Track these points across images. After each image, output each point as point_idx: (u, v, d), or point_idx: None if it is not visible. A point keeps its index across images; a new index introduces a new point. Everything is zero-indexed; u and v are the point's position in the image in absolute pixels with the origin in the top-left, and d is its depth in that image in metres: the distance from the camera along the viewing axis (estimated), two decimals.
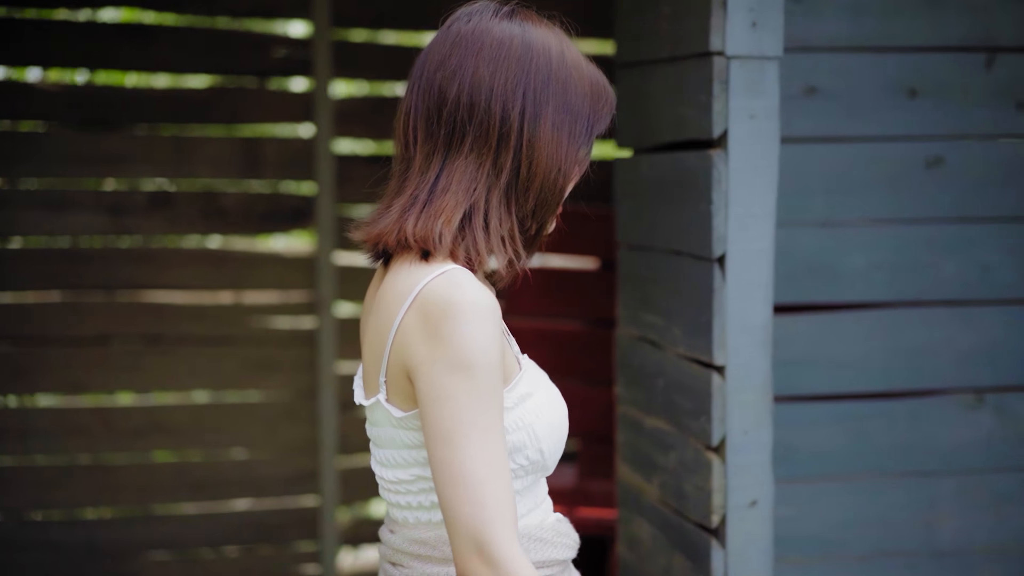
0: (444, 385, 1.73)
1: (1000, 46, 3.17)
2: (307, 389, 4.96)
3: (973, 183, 3.18)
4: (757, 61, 2.51)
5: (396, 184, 1.88)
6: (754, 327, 2.55)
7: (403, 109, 1.88)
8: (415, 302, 1.76)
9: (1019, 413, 3.23)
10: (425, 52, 1.88)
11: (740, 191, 2.52)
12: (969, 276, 3.19)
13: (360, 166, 4.97)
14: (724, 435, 2.57)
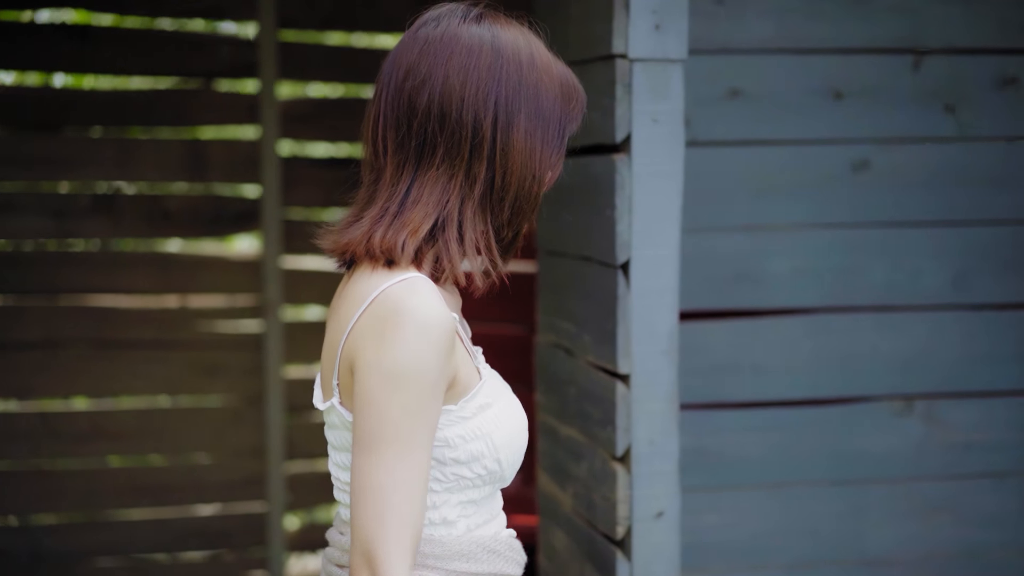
0: (375, 392, 1.72)
1: (928, 48, 3.13)
2: (254, 394, 4.91)
3: (900, 187, 3.13)
4: (661, 64, 2.46)
5: (366, 193, 1.85)
6: (659, 335, 2.50)
7: (371, 116, 1.85)
8: (371, 305, 1.74)
9: (949, 420, 3.19)
10: (392, 57, 1.84)
11: (644, 196, 2.47)
12: (897, 281, 3.15)
13: (307, 168, 4.92)
14: (629, 445, 2.52)
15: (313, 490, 4.99)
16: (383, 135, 1.82)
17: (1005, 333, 3.20)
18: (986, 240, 3.17)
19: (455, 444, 1.84)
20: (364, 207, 1.83)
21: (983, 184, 3.16)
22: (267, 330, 4.87)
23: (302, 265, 4.92)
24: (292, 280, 4.90)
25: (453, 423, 1.84)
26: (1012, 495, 3.23)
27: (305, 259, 4.93)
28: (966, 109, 3.14)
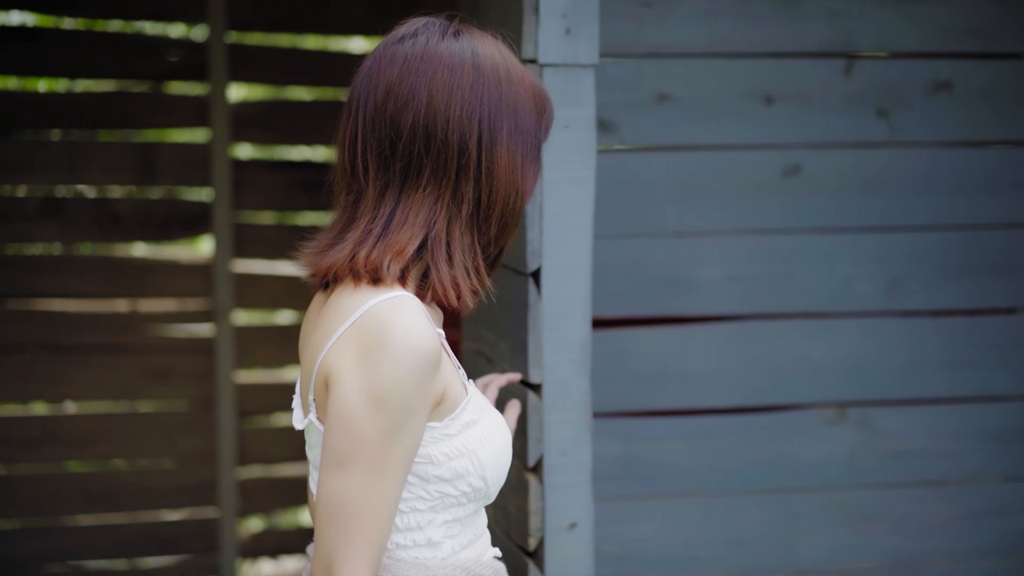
0: (354, 413, 1.69)
1: (859, 52, 3.09)
2: (205, 398, 4.88)
3: (832, 192, 3.10)
4: (571, 69, 2.43)
5: (344, 215, 1.82)
6: (571, 344, 2.47)
7: (347, 134, 1.82)
8: (355, 323, 1.72)
9: (882, 428, 3.16)
10: (368, 74, 1.81)
11: (555, 204, 2.43)
12: (829, 288, 3.11)
13: (258, 171, 4.89)
14: (541, 455, 2.49)
15: (266, 496, 4.96)
16: (363, 155, 1.79)
17: (939, 340, 3.16)
18: (919, 246, 3.14)
19: (439, 461, 1.82)
20: (344, 229, 1.80)
21: (916, 190, 3.13)
22: (218, 334, 4.84)
23: (253, 269, 4.89)
24: (243, 284, 4.87)
25: (437, 440, 1.82)
26: (947, 504, 3.19)
27: (256, 263, 4.89)
28: (899, 114, 3.11)
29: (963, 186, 3.15)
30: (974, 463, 3.20)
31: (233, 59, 4.76)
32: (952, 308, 3.17)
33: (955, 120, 3.13)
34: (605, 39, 2.93)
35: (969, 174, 3.15)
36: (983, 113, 3.14)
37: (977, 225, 3.16)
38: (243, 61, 4.79)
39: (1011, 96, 3.15)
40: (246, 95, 5.09)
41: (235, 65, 4.77)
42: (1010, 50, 3.16)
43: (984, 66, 3.15)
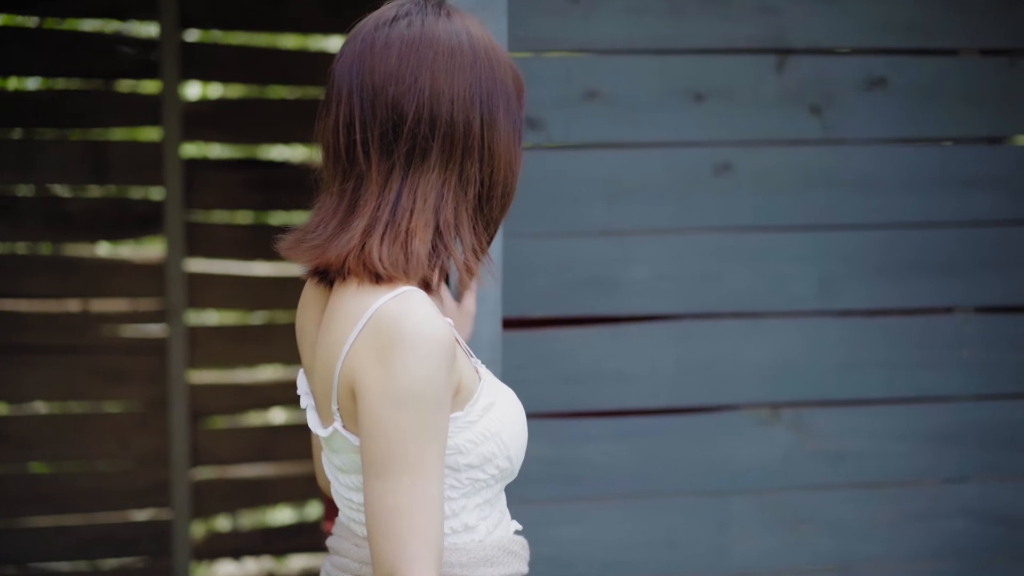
0: (383, 418, 1.68)
1: (792, 47, 3.05)
2: (158, 399, 4.83)
3: (765, 190, 3.06)
4: None
5: (342, 202, 1.77)
6: (482, 344, 2.43)
7: (339, 120, 1.77)
8: (367, 326, 1.70)
9: (816, 428, 3.11)
10: (360, 56, 1.76)
11: None
12: (762, 287, 3.07)
13: (211, 170, 4.85)
14: None
15: (219, 497, 4.91)
16: (363, 141, 1.75)
17: (874, 340, 3.12)
18: (853, 245, 3.10)
19: (467, 450, 1.82)
20: (346, 216, 1.76)
21: (850, 188, 3.09)
22: (171, 334, 4.80)
23: (206, 268, 4.85)
24: (196, 283, 4.83)
25: (462, 429, 1.82)
26: (884, 506, 3.15)
27: (209, 262, 4.85)
28: (832, 111, 3.07)
29: (899, 184, 3.11)
30: (912, 465, 3.16)
31: (185, 57, 4.72)
32: (888, 308, 3.13)
33: (890, 117, 3.09)
34: (532, 35, 2.90)
35: (905, 172, 3.11)
36: (919, 110, 3.11)
37: (913, 224, 3.12)
38: (196, 59, 4.75)
39: (948, 93, 3.11)
40: (199, 93, 5.05)
41: (188, 63, 4.74)
42: (946, 46, 3.12)
43: (920, 62, 3.11)
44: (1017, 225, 3.15)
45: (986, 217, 3.15)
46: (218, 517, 5.08)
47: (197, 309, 4.89)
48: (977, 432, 3.17)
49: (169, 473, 4.84)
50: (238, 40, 4.85)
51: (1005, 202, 3.15)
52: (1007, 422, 3.18)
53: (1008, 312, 3.18)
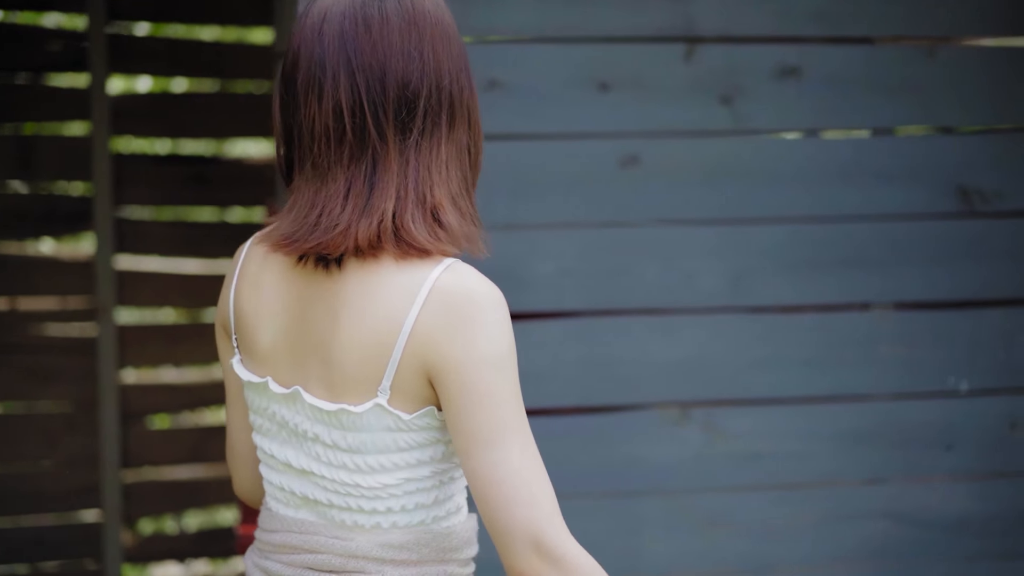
0: (485, 384, 1.67)
1: (701, 36, 2.97)
2: (88, 399, 4.74)
3: (673, 183, 2.97)
4: None
5: (355, 183, 1.72)
6: None
7: (340, 103, 1.71)
8: (430, 300, 1.68)
9: (729, 429, 3.03)
10: (352, 36, 1.72)
11: None
12: (671, 283, 2.99)
13: (141, 165, 4.76)
14: None
15: (149, 500, 4.83)
16: (374, 120, 1.71)
17: (787, 337, 3.04)
18: (766, 239, 3.01)
19: None
20: (366, 196, 1.71)
21: (762, 180, 3.00)
22: (100, 333, 4.70)
23: (137, 266, 4.76)
24: (126, 281, 4.73)
25: None
26: (800, 508, 3.07)
27: (140, 259, 4.76)
28: (743, 101, 2.98)
29: (812, 176, 3.02)
30: (828, 465, 3.08)
31: (113, 50, 4.63)
32: (803, 304, 3.05)
33: (803, 107, 3.01)
34: None
35: (818, 164, 3.03)
36: (833, 100, 3.02)
37: (827, 217, 3.04)
38: (124, 52, 4.66)
39: (862, 83, 3.03)
40: (128, 87, 4.96)
41: (116, 56, 4.64)
42: (861, 34, 3.04)
43: (834, 51, 3.03)
44: (935, 219, 3.07)
45: (904, 210, 3.06)
46: (150, 519, 4.98)
47: (127, 307, 4.79)
48: (896, 432, 3.09)
49: (99, 475, 4.74)
50: (167, 32, 4.76)
51: (923, 195, 3.06)
52: (926, 421, 3.10)
53: (927, 308, 3.09)
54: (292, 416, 1.80)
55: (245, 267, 1.85)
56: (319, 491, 1.80)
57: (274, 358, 1.81)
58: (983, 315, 3.10)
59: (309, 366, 1.77)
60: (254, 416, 1.87)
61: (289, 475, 1.83)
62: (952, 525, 3.11)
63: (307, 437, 1.79)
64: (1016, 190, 3.09)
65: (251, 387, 1.85)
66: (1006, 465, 3.12)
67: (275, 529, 1.86)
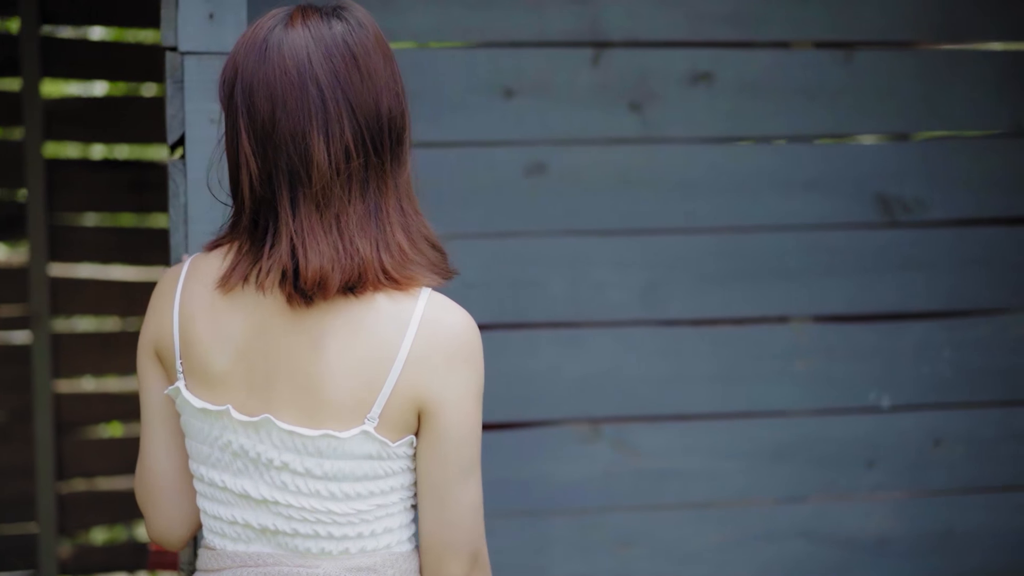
0: (472, 419, 1.75)
1: (608, 40, 2.88)
2: (22, 409, 4.65)
3: (581, 192, 2.89)
4: (217, 58, 2.20)
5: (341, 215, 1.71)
6: None
7: (348, 141, 1.70)
8: (420, 334, 1.71)
9: (641, 446, 2.94)
10: (347, 73, 1.71)
11: (201, 206, 2.21)
12: (579, 295, 2.90)
13: (75, 171, 4.67)
14: None
15: (85, 512, 4.74)
16: (375, 151, 1.73)
17: (701, 351, 2.95)
18: (678, 250, 2.92)
19: None
20: (353, 228, 1.71)
21: (673, 189, 2.92)
22: (34, 342, 4.61)
23: (71, 273, 4.67)
24: (61, 289, 4.64)
25: None
26: (714, 527, 2.98)
27: (75, 267, 4.67)
28: (653, 107, 2.89)
29: (725, 185, 2.93)
30: (744, 483, 2.99)
31: (46, 53, 4.54)
32: (717, 317, 2.96)
33: (716, 114, 2.92)
34: None
35: (732, 172, 2.94)
36: (748, 107, 2.94)
37: (742, 228, 2.95)
38: (57, 56, 4.57)
39: (778, 89, 2.94)
40: (61, 91, 4.86)
41: (48, 60, 4.55)
42: (777, 39, 2.95)
43: (748, 56, 2.94)
44: (854, 229, 2.97)
45: (822, 220, 2.97)
46: (86, 531, 4.90)
47: (62, 316, 4.70)
48: (814, 449, 3.00)
49: (34, 486, 4.65)
50: (101, 36, 4.67)
51: (843, 204, 2.98)
52: (847, 438, 3.01)
53: (846, 321, 3.00)
54: (254, 445, 1.76)
55: (190, 290, 1.79)
56: (281, 521, 1.77)
57: (229, 385, 1.77)
58: (906, 328, 3.01)
59: (276, 393, 1.75)
60: (198, 445, 1.80)
61: (244, 506, 1.79)
62: (873, 545, 3.02)
63: (272, 466, 1.76)
64: (940, 199, 3.00)
65: (204, 415, 1.78)
66: (929, 483, 3.03)
67: (223, 567, 1.81)
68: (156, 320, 1.82)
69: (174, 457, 1.87)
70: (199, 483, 1.82)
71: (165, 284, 1.83)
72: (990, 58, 3.00)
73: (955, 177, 3.00)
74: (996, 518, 3.05)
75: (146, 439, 1.88)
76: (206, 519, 1.82)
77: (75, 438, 4.72)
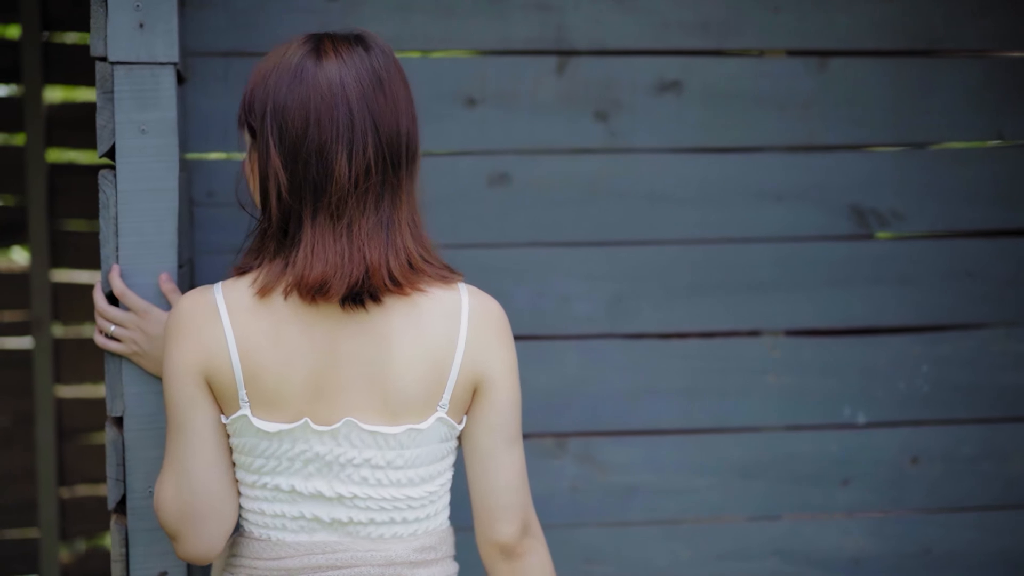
0: (516, 389, 1.99)
1: (573, 48, 2.83)
2: (24, 414, 4.66)
3: (546, 203, 2.83)
4: (147, 67, 2.18)
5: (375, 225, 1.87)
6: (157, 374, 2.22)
7: (371, 157, 1.86)
8: (472, 322, 1.93)
9: (608, 461, 2.89)
10: (374, 96, 1.87)
11: (132, 218, 2.18)
12: (543, 308, 2.85)
13: (78, 177, 4.66)
14: (123, 495, 2.24)
15: (87, 517, 4.73)
16: (394, 168, 1.89)
17: (669, 365, 2.89)
18: (645, 262, 2.87)
19: None
20: (383, 236, 1.88)
21: (640, 200, 2.86)
22: (36, 347, 4.62)
23: (73, 279, 4.67)
24: (63, 295, 4.64)
25: None
26: (683, 545, 2.92)
27: (77, 272, 4.67)
28: (619, 117, 2.84)
29: (695, 196, 2.88)
30: (714, 500, 2.93)
31: (48, 60, 4.54)
32: (686, 330, 2.90)
33: (684, 123, 2.86)
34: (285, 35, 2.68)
35: (702, 183, 2.88)
36: (717, 116, 2.87)
37: (712, 239, 2.89)
38: (59, 62, 4.57)
39: (748, 97, 2.88)
40: (63, 97, 4.87)
41: (50, 66, 4.55)
42: (747, 47, 2.88)
43: (718, 64, 2.88)
44: (828, 241, 2.90)
45: (795, 232, 2.91)
46: (88, 537, 4.90)
47: (64, 322, 4.70)
48: (787, 466, 2.93)
49: (36, 491, 4.66)
50: None
51: (816, 216, 2.91)
52: (819, 455, 2.94)
53: (820, 335, 2.93)
54: (331, 449, 1.90)
55: (242, 321, 1.87)
56: (357, 512, 1.94)
57: (303, 399, 1.89)
58: (881, 342, 2.94)
59: (350, 396, 1.90)
60: (262, 460, 1.91)
61: (313, 504, 1.93)
62: (848, 564, 2.95)
63: (351, 464, 1.91)
64: (916, 210, 2.93)
65: (276, 435, 1.89)
66: (907, 501, 2.96)
67: (284, 556, 1.94)
68: (202, 350, 1.88)
69: (223, 477, 1.94)
70: (259, 490, 1.94)
71: (201, 314, 1.89)
72: (968, 66, 2.92)
73: (932, 188, 2.92)
74: (975, 538, 2.97)
75: (192, 462, 1.92)
76: (261, 517, 1.95)
77: (77, 443, 4.72)
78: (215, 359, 1.88)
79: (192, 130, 2.71)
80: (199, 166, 2.74)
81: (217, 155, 2.75)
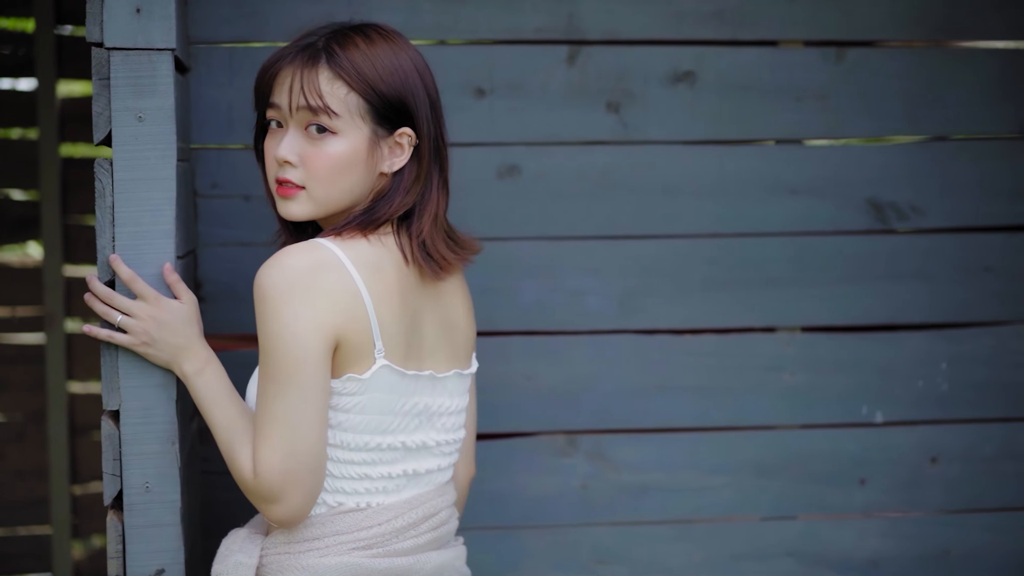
0: None
1: (585, 38, 2.77)
2: (37, 410, 4.62)
3: (556, 195, 2.79)
4: (144, 53, 2.13)
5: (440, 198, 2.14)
6: (152, 367, 2.17)
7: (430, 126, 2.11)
8: None
9: (619, 460, 2.84)
10: (431, 77, 2.15)
11: (128, 207, 2.14)
12: (555, 303, 2.80)
13: (90, 171, 4.59)
14: (119, 491, 2.20)
15: (101, 513, 4.69)
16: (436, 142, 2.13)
17: (682, 362, 2.83)
18: (658, 256, 2.81)
19: None
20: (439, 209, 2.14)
21: (654, 193, 2.80)
22: (49, 343, 4.58)
23: (86, 274, 4.62)
24: (75, 290, 4.60)
25: None
26: (696, 545, 2.86)
27: (90, 268, 4.64)
28: (632, 108, 2.79)
29: (708, 189, 2.82)
30: (727, 500, 2.87)
31: (62, 54, 4.51)
32: (699, 326, 2.84)
33: (698, 115, 2.81)
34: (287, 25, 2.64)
35: (715, 175, 2.82)
36: (732, 107, 2.82)
37: (726, 233, 2.83)
38: (73, 56, 4.53)
39: (764, 89, 2.82)
40: (77, 91, 4.83)
41: (64, 60, 4.52)
42: (762, 37, 2.82)
43: (733, 54, 2.82)
44: (845, 235, 2.84)
45: (812, 226, 2.85)
46: (100, 534, 4.86)
47: (77, 317, 4.67)
48: (803, 465, 2.87)
49: (48, 488, 4.62)
50: None
51: (833, 210, 2.85)
52: (836, 454, 2.88)
53: (837, 332, 2.87)
54: (435, 398, 2.09)
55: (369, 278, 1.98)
56: (441, 459, 2.13)
57: (426, 351, 2.08)
58: (899, 339, 2.88)
59: (441, 351, 2.11)
60: (378, 418, 2.01)
61: (415, 458, 2.08)
62: (864, 566, 2.89)
63: (442, 412, 2.11)
64: (936, 205, 2.86)
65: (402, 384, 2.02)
66: (925, 502, 2.89)
67: (382, 520, 2.04)
68: (336, 304, 1.94)
69: (325, 436, 1.99)
70: (369, 452, 2.02)
71: (334, 273, 1.95)
72: (990, 57, 2.86)
73: (953, 182, 2.86)
74: (995, 539, 2.91)
75: (308, 419, 1.95)
76: (363, 483, 2.03)
77: (89, 440, 4.68)
78: (350, 311, 1.95)
79: (196, 120, 2.67)
80: (203, 157, 2.70)
81: (234, 146, 2.70)
